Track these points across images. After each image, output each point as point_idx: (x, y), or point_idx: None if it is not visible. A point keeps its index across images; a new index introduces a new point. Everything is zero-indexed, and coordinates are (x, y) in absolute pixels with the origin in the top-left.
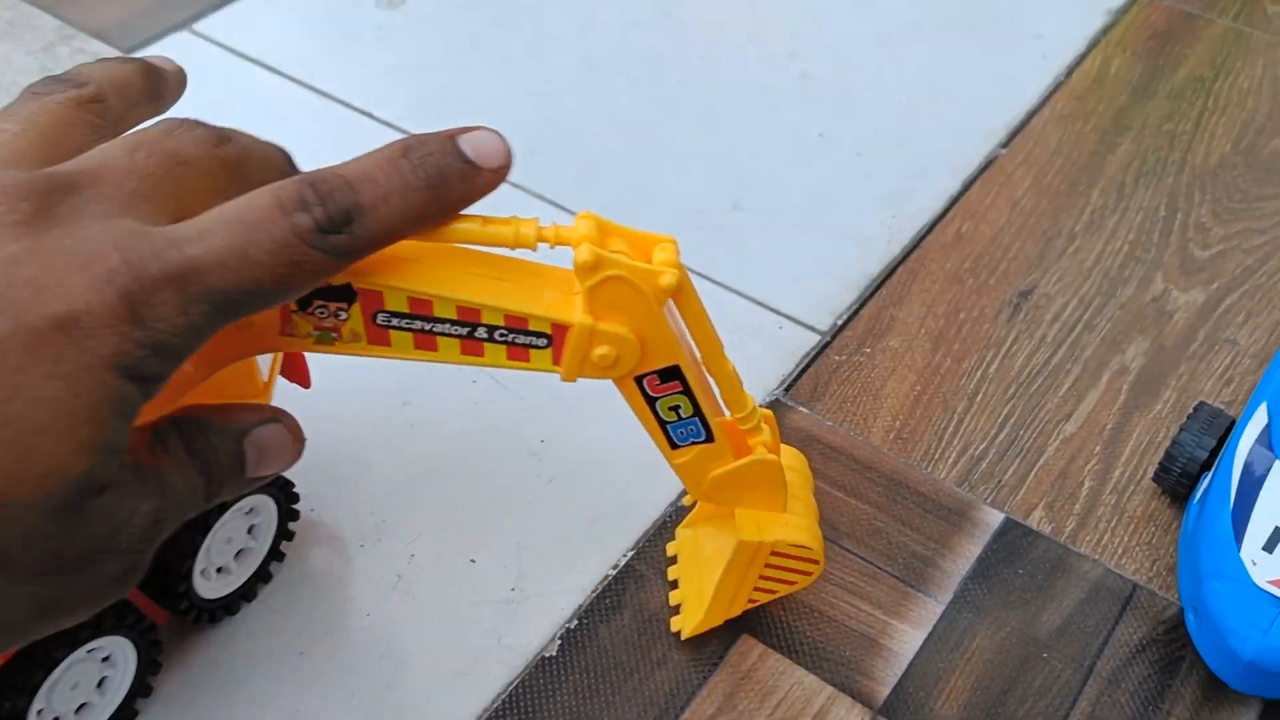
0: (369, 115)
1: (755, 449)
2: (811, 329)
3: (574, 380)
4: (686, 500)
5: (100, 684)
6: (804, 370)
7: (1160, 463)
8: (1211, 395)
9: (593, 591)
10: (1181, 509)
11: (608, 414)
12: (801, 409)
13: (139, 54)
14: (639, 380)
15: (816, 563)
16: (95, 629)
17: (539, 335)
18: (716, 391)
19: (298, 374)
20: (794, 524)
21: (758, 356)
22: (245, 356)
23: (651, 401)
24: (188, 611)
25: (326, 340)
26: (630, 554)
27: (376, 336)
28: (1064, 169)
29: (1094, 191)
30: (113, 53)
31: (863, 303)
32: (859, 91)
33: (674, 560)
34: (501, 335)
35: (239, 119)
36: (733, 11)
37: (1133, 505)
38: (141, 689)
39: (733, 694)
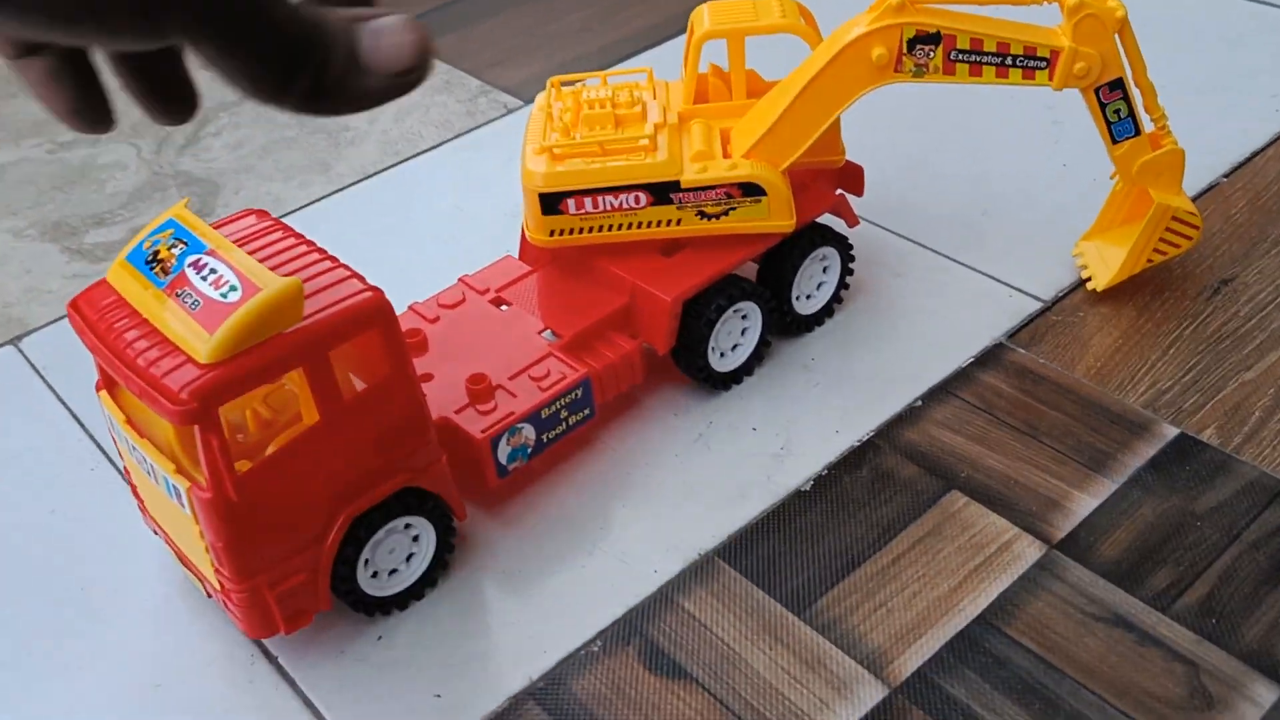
0: None
1: (1167, 144)
2: (1035, 297)
3: (1061, 89)
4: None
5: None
6: (1025, 324)
7: None
8: None
9: (841, 453)
10: None
11: (868, 340)
12: (1020, 349)
13: None
14: (1096, 91)
15: (1198, 228)
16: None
17: (1042, 60)
18: (1140, 103)
19: (853, 184)
20: (1187, 200)
21: (989, 315)
22: (866, 90)
23: (1103, 107)
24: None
25: (920, 73)
26: (871, 433)
27: (948, 69)
28: (1279, 194)
29: None
30: (518, 103)
31: (1083, 280)
32: None
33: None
34: (1020, 61)
35: None
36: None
37: None
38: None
39: (940, 525)
